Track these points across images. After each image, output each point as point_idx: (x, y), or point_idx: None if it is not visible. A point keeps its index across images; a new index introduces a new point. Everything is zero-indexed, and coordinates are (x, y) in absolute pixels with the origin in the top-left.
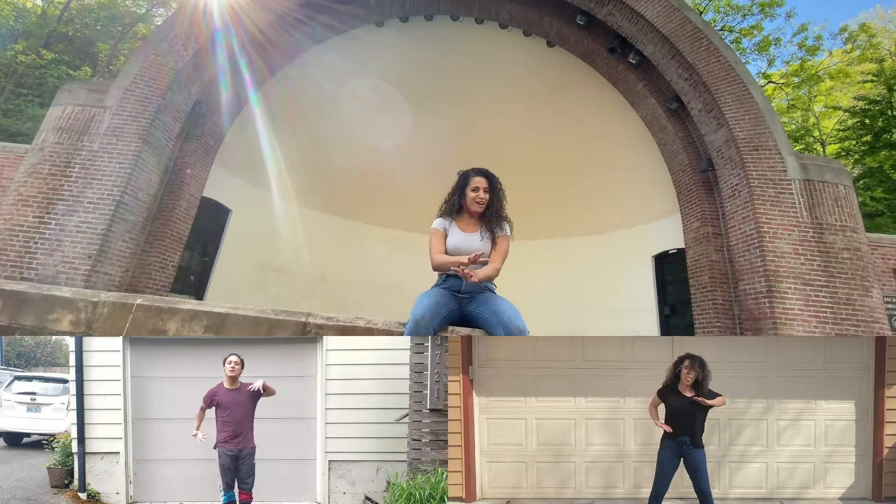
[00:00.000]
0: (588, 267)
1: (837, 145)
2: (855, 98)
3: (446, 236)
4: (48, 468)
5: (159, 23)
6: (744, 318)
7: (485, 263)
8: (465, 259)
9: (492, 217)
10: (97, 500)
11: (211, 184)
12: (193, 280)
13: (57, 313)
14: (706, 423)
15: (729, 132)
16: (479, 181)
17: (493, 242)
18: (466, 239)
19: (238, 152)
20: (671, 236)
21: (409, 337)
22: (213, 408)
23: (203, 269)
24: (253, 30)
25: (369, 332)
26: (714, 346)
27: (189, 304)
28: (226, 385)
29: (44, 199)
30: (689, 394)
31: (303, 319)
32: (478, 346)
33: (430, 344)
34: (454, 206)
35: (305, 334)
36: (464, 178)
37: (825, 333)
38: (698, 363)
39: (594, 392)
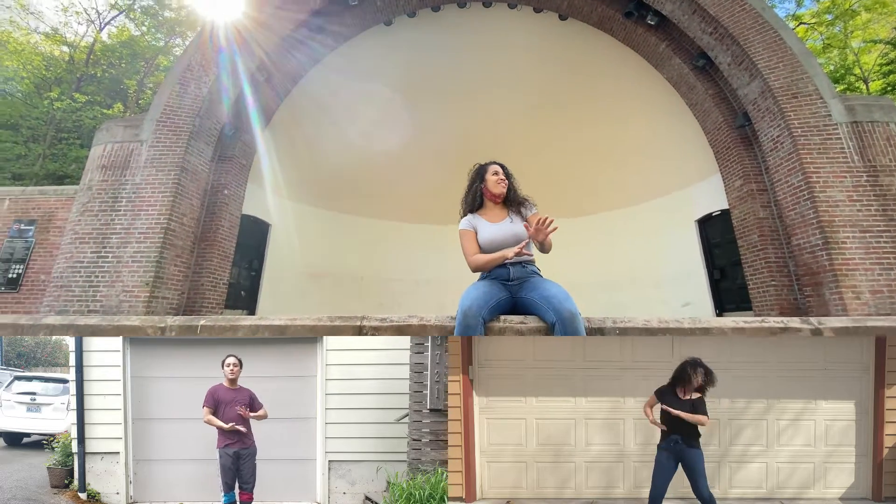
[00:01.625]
0: (630, 239)
1: (881, 81)
2: (895, 28)
3: (476, 234)
4: (48, 468)
5: (179, 53)
6: (800, 273)
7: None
8: (511, 253)
9: (515, 200)
10: (97, 500)
11: (248, 201)
12: (244, 295)
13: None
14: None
15: (763, 82)
16: (495, 167)
17: (527, 222)
18: (498, 228)
19: (269, 168)
20: (713, 198)
21: (409, 337)
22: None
23: (252, 284)
24: (261, 51)
25: (423, 329)
26: (714, 345)
27: (249, 319)
28: (226, 385)
29: (98, 234)
30: (685, 397)
31: (358, 323)
32: (478, 346)
33: (430, 344)
34: (476, 197)
35: (362, 336)
36: (481, 169)
37: (890, 280)
38: (711, 375)
39: (594, 392)
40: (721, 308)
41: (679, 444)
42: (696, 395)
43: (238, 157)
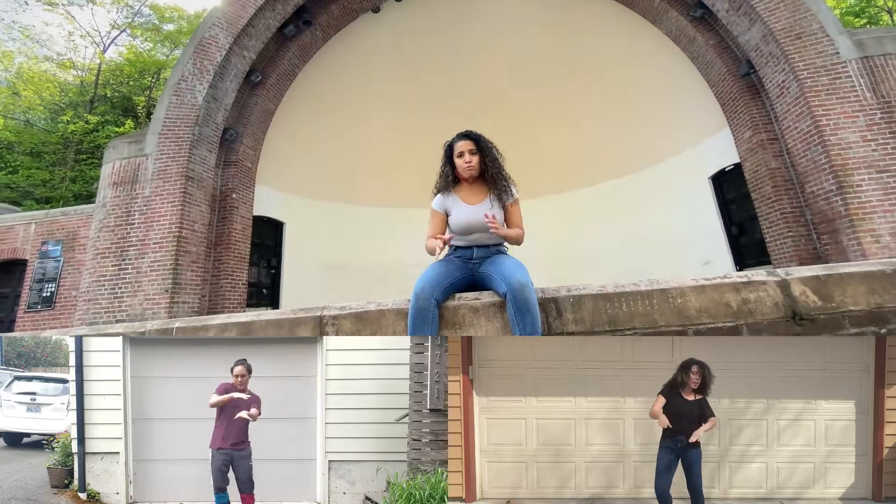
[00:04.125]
0: (644, 203)
1: None
2: None
3: (448, 215)
4: (48, 468)
5: None
6: (817, 221)
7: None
8: (440, 244)
9: (496, 179)
10: (97, 500)
11: (258, 202)
12: (266, 293)
13: None
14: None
15: (764, 26)
16: (461, 145)
17: (504, 209)
18: (473, 212)
19: (275, 167)
20: (724, 152)
21: (408, 337)
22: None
23: (272, 282)
24: (252, 53)
25: (381, 315)
26: (714, 345)
27: (219, 318)
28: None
29: (117, 248)
30: (690, 397)
31: (318, 314)
32: (478, 346)
33: (430, 344)
34: (448, 178)
35: (323, 327)
36: (449, 147)
37: None
38: (707, 370)
39: (594, 392)
40: (742, 264)
41: (684, 443)
42: (699, 396)
43: (242, 160)
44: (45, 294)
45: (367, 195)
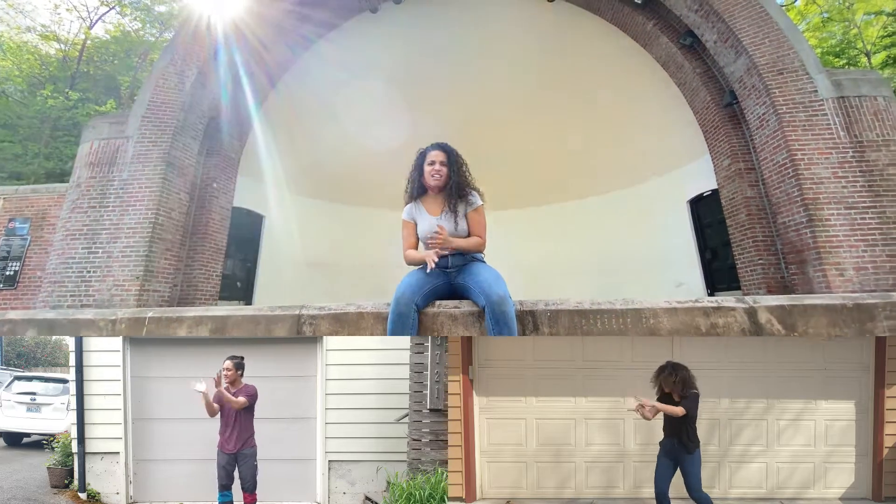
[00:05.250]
0: (624, 221)
1: (884, 53)
2: None
3: (417, 224)
4: (48, 468)
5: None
6: (786, 251)
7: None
8: (431, 262)
9: (453, 193)
10: (97, 500)
11: (239, 193)
12: (240, 286)
13: (83, 334)
14: (705, 424)
15: (749, 59)
16: (434, 155)
17: (466, 219)
18: (431, 224)
19: (260, 160)
20: (704, 178)
21: (408, 337)
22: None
23: (247, 275)
24: (244, 44)
25: (360, 317)
26: (714, 346)
27: (194, 311)
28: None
29: (88, 230)
30: (676, 399)
31: (297, 312)
32: (478, 346)
33: (430, 344)
34: (416, 186)
35: (300, 326)
36: (421, 155)
37: (875, 256)
38: (664, 375)
39: (594, 392)
40: (713, 288)
41: (675, 448)
42: (687, 395)
43: (226, 150)
44: (8, 273)
45: (353, 194)
